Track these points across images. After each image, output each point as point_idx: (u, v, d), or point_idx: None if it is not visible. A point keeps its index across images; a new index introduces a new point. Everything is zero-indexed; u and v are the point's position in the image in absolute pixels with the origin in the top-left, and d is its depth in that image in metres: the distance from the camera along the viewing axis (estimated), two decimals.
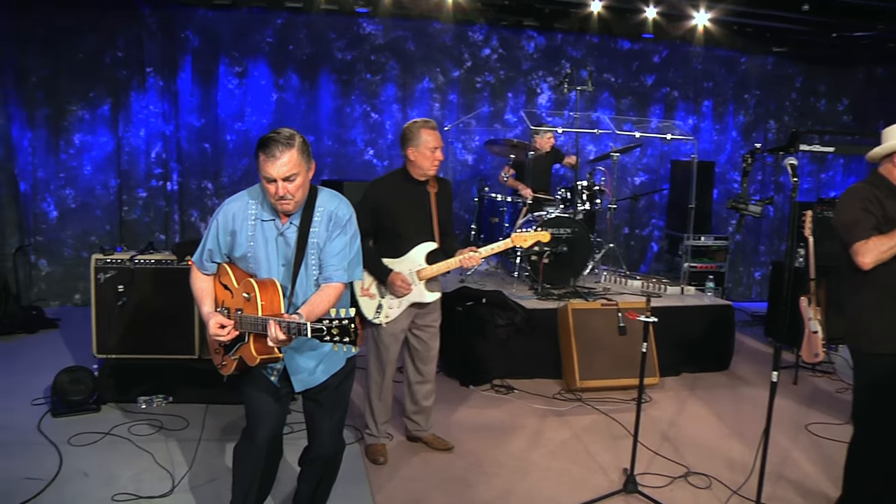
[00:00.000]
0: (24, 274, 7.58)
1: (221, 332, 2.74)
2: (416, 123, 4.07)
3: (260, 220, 2.80)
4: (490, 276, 7.16)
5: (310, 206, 2.81)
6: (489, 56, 8.44)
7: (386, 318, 4.14)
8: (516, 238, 4.06)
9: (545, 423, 4.99)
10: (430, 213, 4.15)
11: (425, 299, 4.14)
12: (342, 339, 2.30)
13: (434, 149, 4.02)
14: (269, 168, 2.60)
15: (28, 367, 5.73)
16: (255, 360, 2.68)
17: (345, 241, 2.84)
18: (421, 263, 4.11)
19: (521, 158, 7.03)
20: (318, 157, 8.09)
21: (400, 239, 4.12)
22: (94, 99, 7.67)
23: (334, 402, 3.04)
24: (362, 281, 4.16)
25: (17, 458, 4.20)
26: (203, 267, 2.95)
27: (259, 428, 2.94)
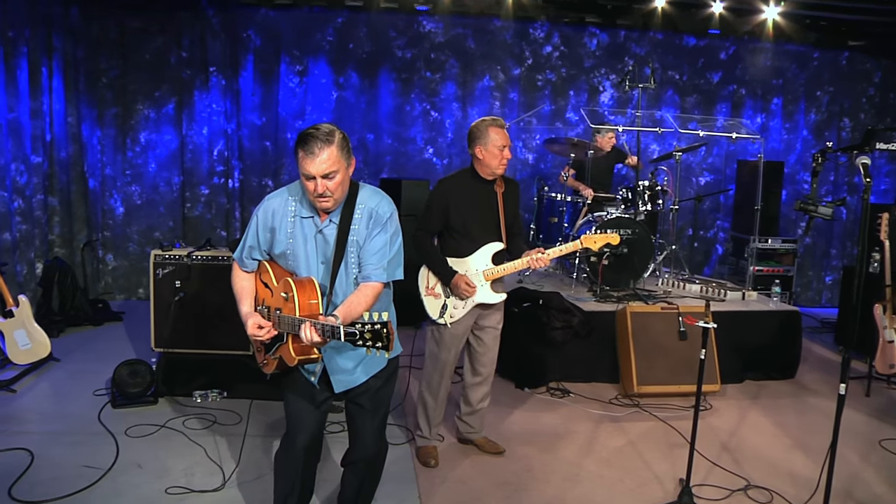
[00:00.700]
0: (92, 268, 7.82)
1: (259, 333, 2.73)
2: (485, 121, 4.02)
3: (299, 216, 2.78)
4: (548, 277, 7.05)
5: (350, 204, 2.76)
6: (550, 53, 8.31)
7: (451, 318, 4.09)
8: (586, 240, 3.98)
9: (600, 428, 4.87)
10: (497, 212, 4.10)
11: (491, 300, 4.09)
12: (374, 343, 2.26)
13: (502, 147, 3.96)
14: (308, 165, 2.56)
15: (92, 359, 5.90)
16: (294, 360, 2.67)
17: (385, 240, 2.78)
18: (487, 264, 4.06)
19: (582, 158, 6.90)
20: (377, 156, 8.15)
21: (467, 238, 4.07)
22: (159, 98, 7.87)
23: (376, 403, 3.00)
24: (427, 280, 4.13)
25: (78, 447, 4.33)
26: (244, 264, 2.94)
27: (298, 434, 2.94)
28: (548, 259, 3.95)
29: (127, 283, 8.07)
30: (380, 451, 3.14)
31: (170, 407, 4.98)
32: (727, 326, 5.61)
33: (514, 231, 4.24)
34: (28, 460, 4.12)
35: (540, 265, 3.94)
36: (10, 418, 4.77)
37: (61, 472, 3.99)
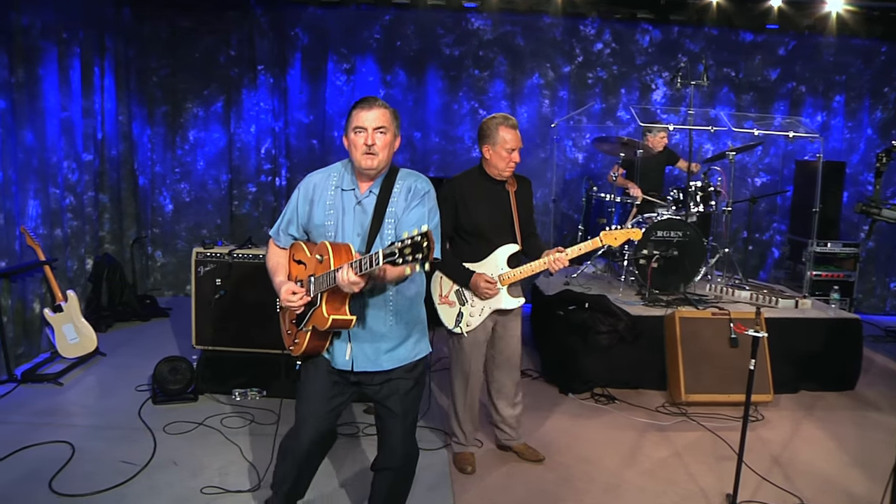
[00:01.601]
0: (141, 264, 7.95)
1: (293, 298, 2.74)
2: (495, 119, 3.84)
3: (340, 188, 2.84)
4: (596, 280, 6.89)
5: (390, 180, 2.82)
6: (601, 51, 8.13)
7: (467, 326, 3.96)
8: (606, 236, 3.75)
9: (645, 437, 4.70)
10: (510, 213, 3.94)
11: (508, 305, 3.94)
12: (414, 255, 2.22)
13: (511, 150, 3.80)
14: (364, 115, 2.71)
15: (138, 354, 5.97)
16: (327, 321, 2.64)
17: (423, 212, 2.79)
18: (503, 267, 3.90)
19: (632, 157, 6.71)
20: (424, 154, 8.09)
21: (480, 241, 3.93)
22: (208, 96, 7.95)
23: (405, 407, 2.95)
24: (440, 288, 4.03)
25: (117, 442, 4.38)
26: (279, 238, 3.00)
27: (303, 430, 2.93)
28: (566, 259, 3.71)
29: (175, 280, 8.17)
30: (409, 456, 3.08)
31: (209, 404, 4.99)
32: (782, 333, 5.37)
33: (530, 231, 4.09)
34: (69, 453, 4.19)
35: (558, 266, 3.70)
36: (55, 411, 4.86)
37: (100, 467, 4.03)
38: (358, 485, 3.88)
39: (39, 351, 5.93)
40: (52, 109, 6.02)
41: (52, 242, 6.12)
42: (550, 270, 3.72)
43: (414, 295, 2.95)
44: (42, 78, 5.87)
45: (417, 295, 2.99)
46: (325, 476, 3.96)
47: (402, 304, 2.89)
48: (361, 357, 2.85)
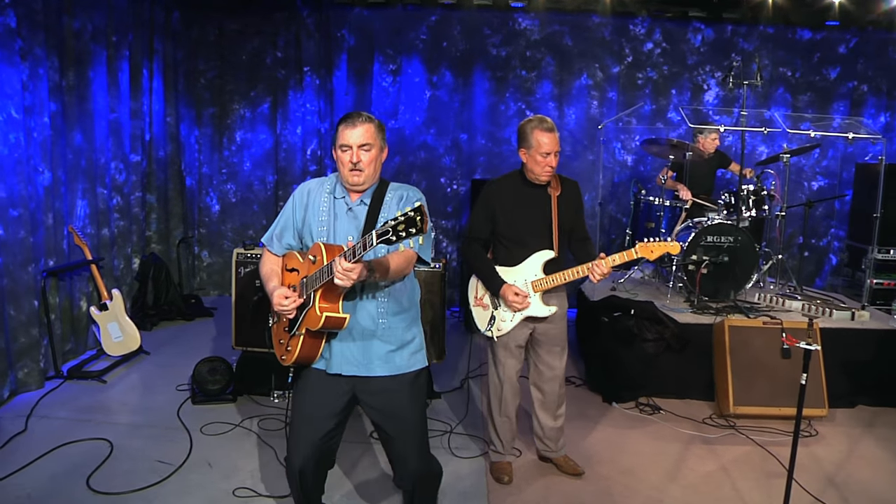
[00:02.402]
0: (187, 264, 8.04)
1: (285, 302, 2.72)
2: (531, 123, 3.72)
3: (333, 195, 2.85)
4: (644, 286, 6.70)
5: (381, 192, 2.84)
6: (652, 50, 7.92)
7: (498, 330, 3.86)
8: (641, 248, 3.56)
9: (690, 450, 4.52)
10: (549, 218, 3.80)
11: (541, 313, 3.80)
12: (408, 230, 2.19)
13: (546, 154, 3.66)
14: (348, 134, 2.73)
15: (180, 353, 6.03)
16: (320, 319, 2.59)
17: None
18: (537, 273, 3.78)
19: (682, 160, 6.51)
20: (470, 156, 8.01)
21: (516, 246, 3.82)
22: (255, 98, 8.01)
23: (405, 429, 2.89)
24: (476, 290, 3.95)
25: (155, 441, 4.41)
26: (272, 245, 3.00)
27: (293, 455, 2.87)
28: (606, 267, 3.54)
29: (220, 280, 8.25)
30: (424, 478, 3.00)
31: (247, 406, 4.99)
32: (838, 344, 5.14)
33: (581, 236, 3.95)
34: (108, 451, 4.24)
35: (597, 272, 3.54)
36: (98, 408, 4.92)
37: (136, 466, 4.06)
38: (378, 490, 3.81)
39: (86, 348, 6.03)
40: (100, 111, 6.12)
41: (99, 242, 6.22)
42: (592, 278, 3.58)
43: (409, 299, 2.93)
44: (92, 80, 5.96)
45: (409, 300, 2.95)
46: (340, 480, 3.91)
47: (397, 307, 2.86)
48: (352, 358, 2.81)
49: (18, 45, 4.97)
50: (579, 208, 3.97)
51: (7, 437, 4.37)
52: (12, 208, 4.98)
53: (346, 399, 2.87)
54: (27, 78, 5.10)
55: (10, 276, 5.00)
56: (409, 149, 8.07)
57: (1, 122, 4.87)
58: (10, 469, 3.96)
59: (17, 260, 5.04)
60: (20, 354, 5.11)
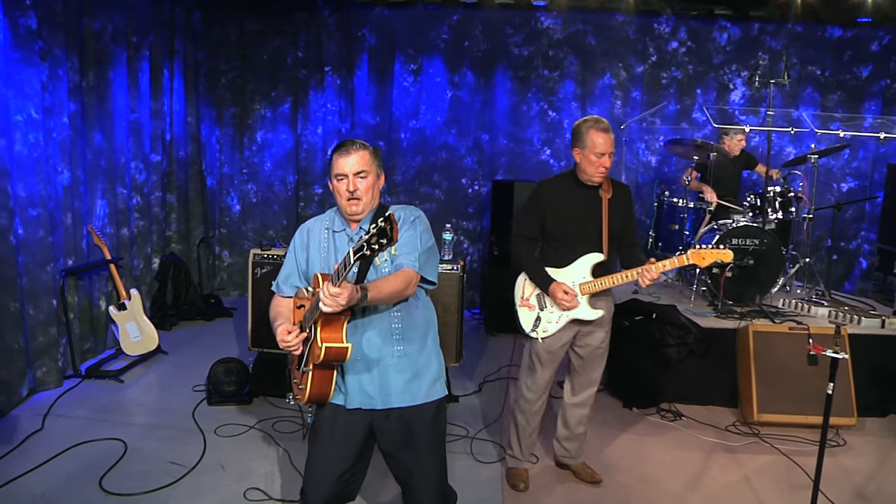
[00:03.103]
0: (208, 264, 8.06)
1: (288, 338, 2.59)
2: (587, 122, 3.65)
3: (332, 230, 2.79)
4: (666, 289, 6.57)
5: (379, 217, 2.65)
6: (676, 49, 7.79)
7: (544, 332, 3.76)
8: (694, 255, 3.48)
9: (712, 458, 4.41)
10: (599, 220, 3.72)
11: (587, 316, 3.72)
12: (380, 241, 2.11)
13: (601, 154, 3.58)
14: (342, 163, 2.65)
15: (198, 353, 6.03)
16: (320, 351, 2.46)
17: (414, 234, 2.71)
18: (585, 276, 3.70)
19: (706, 160, 6.38)
20: (492, 157, 7.94)
21: (564, 247, 3.74)
22: (275, 98, 8.01)
23: (423, 462, 2.75)
24: (522, 289, 3.85)
25: (168, 442, 4.40)
26: (280, 290, 2.92)
27: (311, 491, 2.73)
28: (658, 273, 3.49)
29: (241, 280, 8.26)
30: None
31: (263, 407, 4.97)
32: (868, 350, 4.99)
33: (630, 241, 3.86)
34: (122, 451, 4.23)
35: (647, 278, 3.48)
36: (113, 408, 4.93)
37: (149, 467, 4.05)
38: None
39: (105, 347, 6.06)
40: (120, 111, 6.13)
41: (118, 241, 6.24)
42: (641, 283, 3.51)
43: (423, 325, 2.78)
44: (112, 81, 5.98)
45: (428, 326, 2.82)
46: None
47: (411, 334, 2.73)
48: (369, 390, 2.68)
49: (38, 46, 5.00)
50: (630, 213, 3.87)
51: (24, 436, 4.40)
52: (32, 208, 5.00)
53: (366, 435, 2.74)
54: (47, 78, 5.12)
55: (29, 276, 5.02)
56: (430, 149, 8.01)
57: (21, 123, 4.89)
58: (26, 468, 3.97)
59: (36, 259, 5.06)
60: (39, 353, 5.13)
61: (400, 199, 7.89)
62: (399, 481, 2.85)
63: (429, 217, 2.83)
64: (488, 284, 7.41)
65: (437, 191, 8.08)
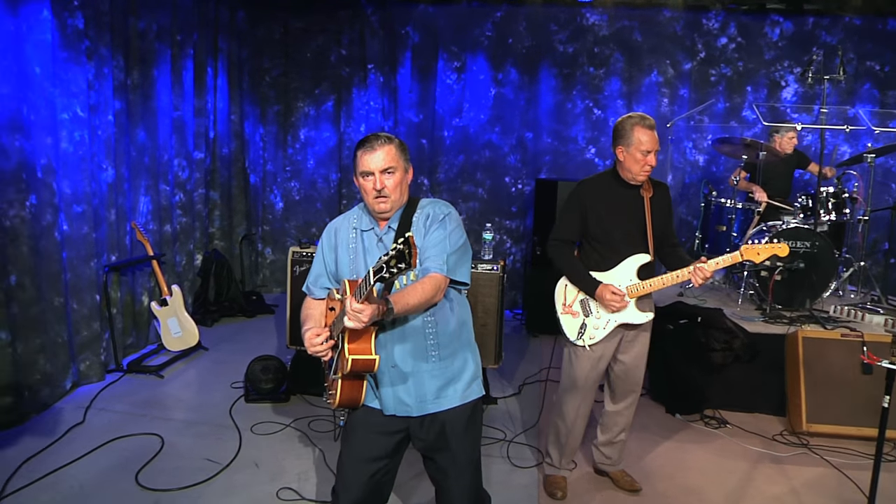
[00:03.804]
0: (250, 261, 8.12)
1: (316, 341, 2.53)
2: (631, 119, 3.51)
3: (360, 230, 2.69)
4: (713, 292, 6.39)
5: (409, 213, 2.64)
6: (726, 46, 7.57)
7: (591, 339, 3.63)
8: (747, 251, 3.36)
9: (758, 469, 4.24)
10: (643, 220, 3.59)
11: (636, 320, 3.59)
12: (398, 265, 1.99)
13: (647, 152, 3.45)
14: (368, 160, 2.53)
15: (238, 350, 6.06)
16: (348, 362, 2.39)
17: (443, 234, 2.58)
18: (632, 279, 3.57)
19: (756, 160, 6.17)
20: (535, 155, 7.82)
21: (608, 249, 3.61)
22: (319, 96, 8.04)
23: (458, 464, 2.66)
24: (564, 296, 3.73)
25: (205, 438, 4.42)
26: (311, 292, 2.83)
27: (343, 493, 2.66)
28: (710, 272, 3.37)
29: (283, 277, 8.25)
30: None
31: (299, 406, 4.96)
32: None
33: (672, 242, 3.72)
34: (158, 446, 4.26)
35: (699, 279, 3.37)
36: (153, 403, 4.97)
37: (184, 463, 4.07)
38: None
39: (147, 342, 6.13)
40: (164, 109, 6.20)
41: (161, 238, 6.31)
42: (693, 282, 3.40)
43: (457, 327, 2.68)
44: (156, 79, 6.05)
45: (462, 327, 2.71)
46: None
47: (445, 339, 2.63)
48: (404, 398, 2.60)
49: (85, 46, 5.08)
50: (670, 212, 3.76)
51: (66, 428, 4.48)
52: (76, 204, 5.08)
53: (400, 438, 2.67)
54: (93, 77, 5.20)
55: (73, 271, 5.10)
56: (473, 147, 7.94)
57: (67, 121, 4.97)
58: (66, 460, 4.04)
59: (80, 255, 5.14)
60: (82, 347, 5.21)
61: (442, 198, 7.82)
62: (433, 482, 2.79)
63: (471, 216, 2.74)
64: (531, 284, 7.31)
65: (480, 189, 8.00)
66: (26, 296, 4.61)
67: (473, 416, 2.69)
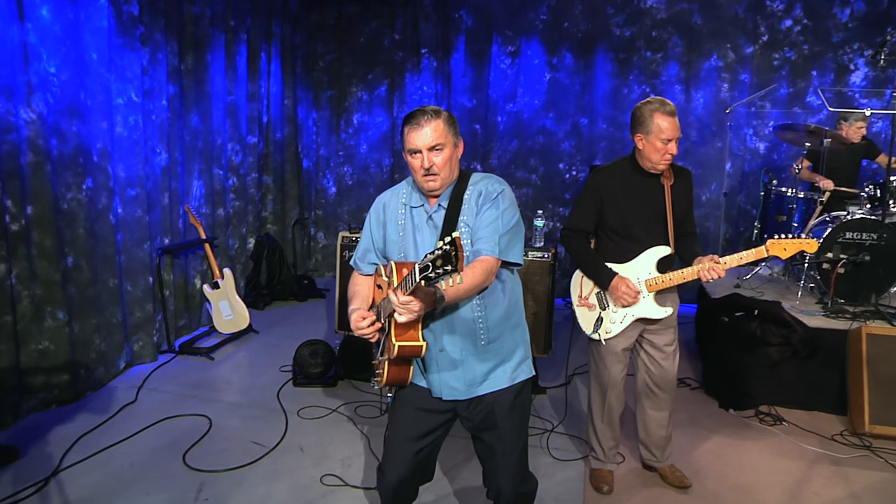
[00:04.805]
0: (302, 245, 8.18)
1: (363, 324, 2.47)
2: (650, 105, 3.32)
3: (409, 206, 2.60)
4: (772, 284, 6.18)
5: (460, 189, 2.53)
6: (790, 28, 7.26)
7: (607, 333, 3.53)
8: (773, 246, 3.19)
9: (815, 470, 4.07)
10: (663, 210, 3.44)
11: (655, 314, 3.46)
12: (444, 267, 1.91)
13: (667, 140, 3.27)
14: (415, 137, 2.43)
15: (288, 334, 6.11)
16: (395, 348, 2.35)
17: (495, 214, 2.47)
18: (651, 272, 3.44)
19: (820, 147, 5.91)
20: (590, 142, 7.67)
21: (626, 241, 3.48)
22: (372, 80, 8.04)
23: (504, 443, 2.62)
24: (580, 288, 3.63)
25: (252, 421, 4.46)
26: (359, 268, 2.77)
27: (389, 469, 2.65)
28: (723, 269, 3.21)
29: (335, 262, 8.29)
30: (516, 493, 2.72)
31: (347, 391, 4.97)
32: None
33: (687, 231, 3.56)
34: (206, 428, 4.31)
35: (713, 276, 3.22)
36: (202, 384, 5.04)
37: (231, 445, 4.11)
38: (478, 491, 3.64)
39: (199, 324, 6.23)
40: (217, 94, 6.26)
41: (213, 221, 6.39)
42: (703, 280, 3.27)
43: (507, 308, 2.60)
44: (210, 64, 6.11)
45: (513, 308, 2.63)
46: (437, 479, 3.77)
47: (494, 322, 2.55)
48: (452, 383, 2.56)
49: (140, 31, 5.14)
50: (691, 200, 3.60)
51: (119, 407, 4.58)
52: (130, 188, 5.16)
53: (447, 417, 2.66)
54: (147, 62, 5.27)
55: (127, 253, 5.20)
56: (527, 133, 7.83)
57: (121, 106, 5.05)
58: (118, 438, 4.14)
59: (133, 237, 5.23)
60: (136, 328, 5.32)
61: None
62: (481, 461, 2.77)
63: (524, 202, 2.65)
64: None
65: (534, 175, 7.89)
66: (83, 277, 4.71)
67: (521, 396, 2.65)
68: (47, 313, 4.45)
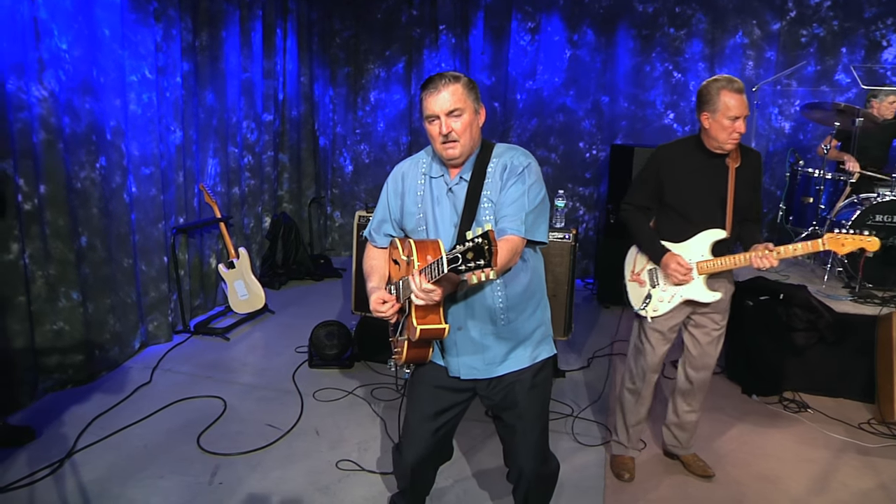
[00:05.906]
0: (319, 224, 8.12)
1: (382, 308, 2.38)
2: (717, 82, 3.19)
3: (429, 176, 2.48)
4: (797, 267, 6.02)
5: (483, 161, 2.41)
6: (820, 4, 7.04)
7: (654, 311, 3.44)
8: (830, 241, 3.06)
9: (842, 459, 3.96)
10: (724, 192, 3.32)
11: (703, 298, 3.35)
12: (476, 261, 1.82)
13: (735, 118, 3.14)
14: (432, 102, 2.30)
15: (304, 314, 6.06)
16: (416, 331, 2.25)
17: (521, 190, 2.36)
18: (704, 254, 3.33)
19: (849, 127, 5.74)
20: (612, 120, 7.52)
21: (682, 221, 3.37)
22: (389, 57, 7.91)
23: (525, 422, 2.55)
24: (633, 263, 3.55)
25: (267, 403, 4.42)
26: (373, 239, 2.68)
27: (406, 448, 2.61)
28: (775, 259, 3.11)
29: (352, 241, 8.24)
30: (540, 475, 2.67)
31: (363, 373, 4.92)
32: None
33: (750, 217, 3.43)
34: (221, 409, 4.27)
35: (764, 264, 3.12)
36: (218, 365, 5.00)
37: (246, 428, 4.07)
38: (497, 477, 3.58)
39: (215, 304, 6.19)
40: (232, 71, 6.16)
41: (229, 200, 6.33)
42: (754, 267, 3.17)
43: (528, 288, 2.51)
44: (224, 40, 6.00)
45: (535, 289, 2.54)
46: (457, 460, 3.71)
47: (515, 301, 2.46)
48: (472, 363, 2.49)
49: (153, 7, 5.04)
50: (758, 184, 3.46)
51: (134, 388, 4.55)
52: (144, 166, 5.10)
53: (467, 396, 2.60)
54: (161, 39, 5.17)
55: (141, 233, 5.15)
56: (546, 111, 7.68)
57: (135, 83, 4.96)
58: (132, 419, 4.10)
59: (148, 217, 5.17)
60: (151, 308, 5.28)
61: None
62: (502, 440, 2.72)
63: (544, 182, 2.53)
64: (604, 254, 7.08)
65: (553, 154, 7.75)
66: (96, 257, 4.66)
67: (542, 374, 2.57)
68: (61, 293, 4.40)
